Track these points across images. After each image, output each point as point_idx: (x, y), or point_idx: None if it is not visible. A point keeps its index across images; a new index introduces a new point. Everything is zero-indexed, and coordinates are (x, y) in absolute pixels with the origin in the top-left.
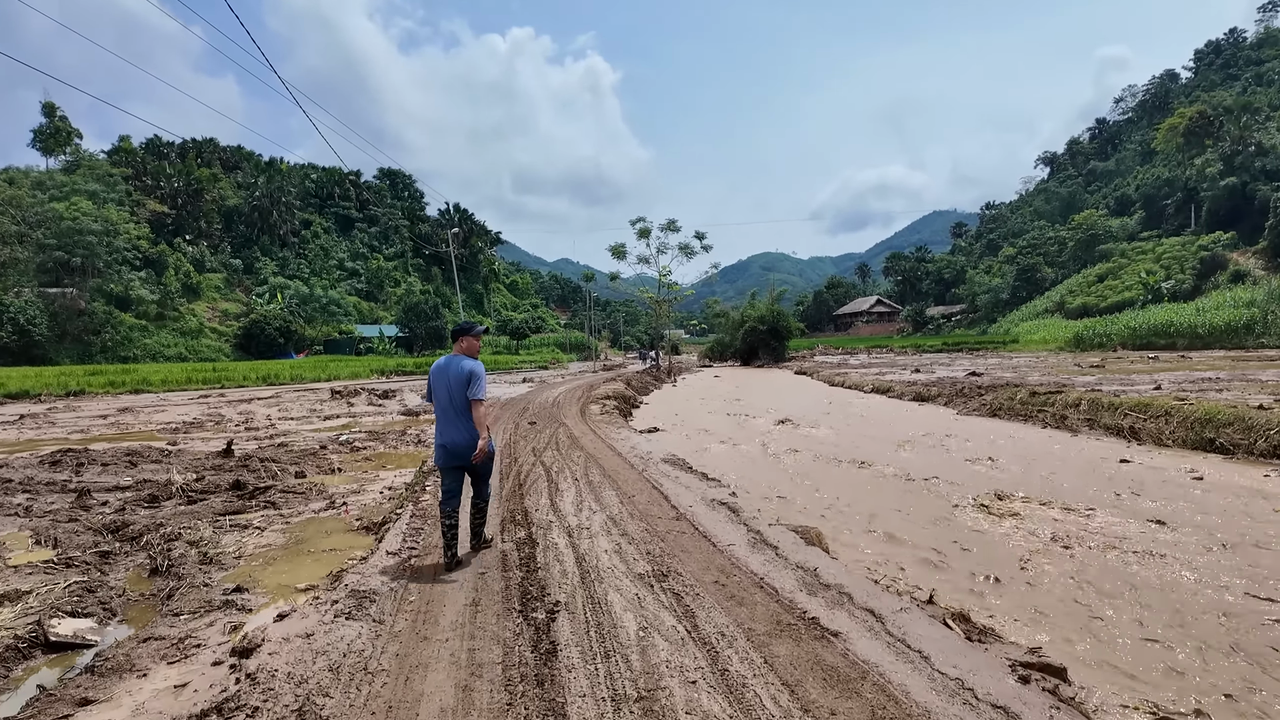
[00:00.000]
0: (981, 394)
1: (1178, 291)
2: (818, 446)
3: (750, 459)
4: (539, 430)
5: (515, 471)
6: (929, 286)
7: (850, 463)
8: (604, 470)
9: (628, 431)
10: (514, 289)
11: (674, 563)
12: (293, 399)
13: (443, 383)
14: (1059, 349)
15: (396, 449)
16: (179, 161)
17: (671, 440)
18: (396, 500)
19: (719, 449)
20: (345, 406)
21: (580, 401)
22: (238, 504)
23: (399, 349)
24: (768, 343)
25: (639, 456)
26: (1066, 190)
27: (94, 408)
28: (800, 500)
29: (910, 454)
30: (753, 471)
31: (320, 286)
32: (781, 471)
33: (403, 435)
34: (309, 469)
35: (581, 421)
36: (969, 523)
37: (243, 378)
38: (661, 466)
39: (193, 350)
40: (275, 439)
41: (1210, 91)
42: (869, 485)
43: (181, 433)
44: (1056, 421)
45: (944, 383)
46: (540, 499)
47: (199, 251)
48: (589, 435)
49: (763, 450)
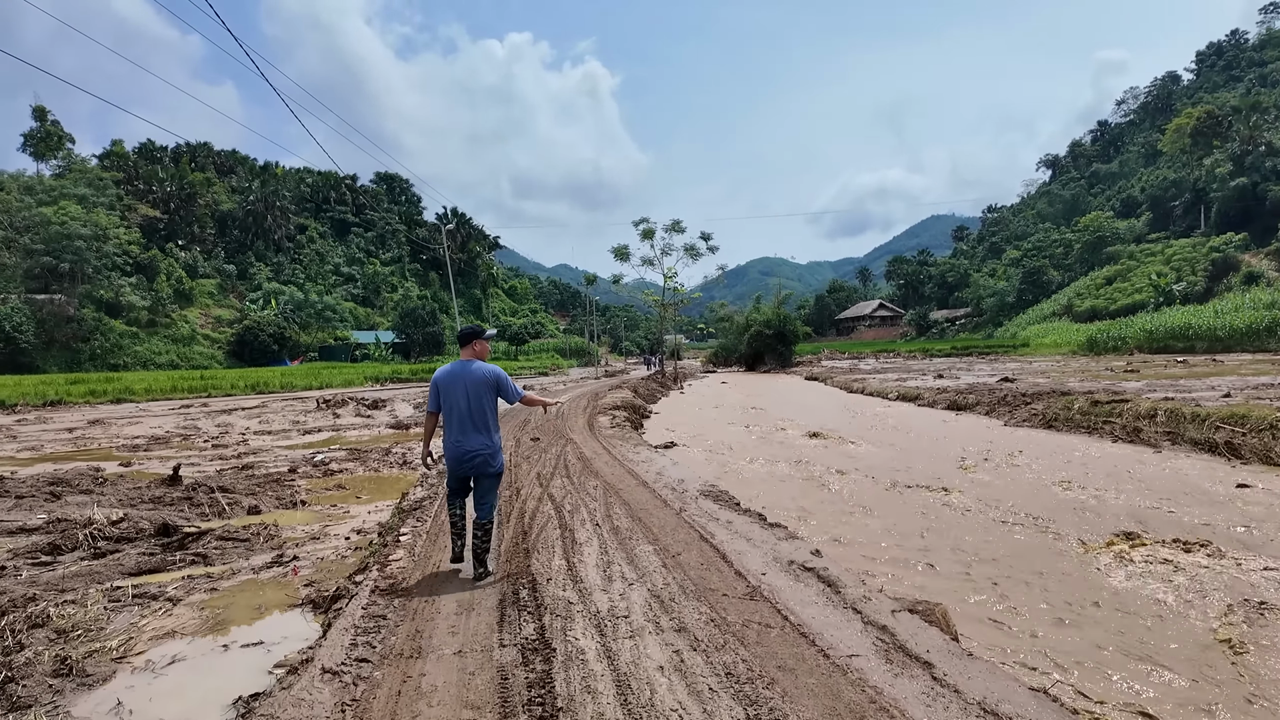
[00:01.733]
0: (1028, 402)
1: (1190, 294)
2: (866, 467)
3: (794, 484)
4: (543, 448)
5: (518, 510)
6: (932, 290)
7: (914, 488)
8: (630, 509)
9: (646, 451)
10: (513, 294)
11: (774, 696)
12: (277, 409)
13: (458, 389)
14: (1072, 353)
15: (378, 472)
16: (172, 165)
17: (695, 460)
18: (363, 555)
19: (753, 471)
20: (331, 418)
21: (586, 412)
22: (159, 558)
23: (395, 355)
24: (774, 347)
25: (669, 488)
26: (1070, 193)
27: (66, 419)
28: (885, 547)
29: (980, 476)
30: (805, 502)
31: (315, 292)
32: (839, 503)
33: (386, 455)
34: (267, 501)
35: (591, 437)
36: (1120, 582)
37: (230, 386)
38: (703, 504)
39: (185, 358)
40: (243, 458)
41: (1213, 93)
42: (954, 522)
43: (142, 450)
44: (1129, 435)
45: (978, 390)
46: (553, 558)
47: (192, 257)
48: (602, 455)
49: (804, 472)
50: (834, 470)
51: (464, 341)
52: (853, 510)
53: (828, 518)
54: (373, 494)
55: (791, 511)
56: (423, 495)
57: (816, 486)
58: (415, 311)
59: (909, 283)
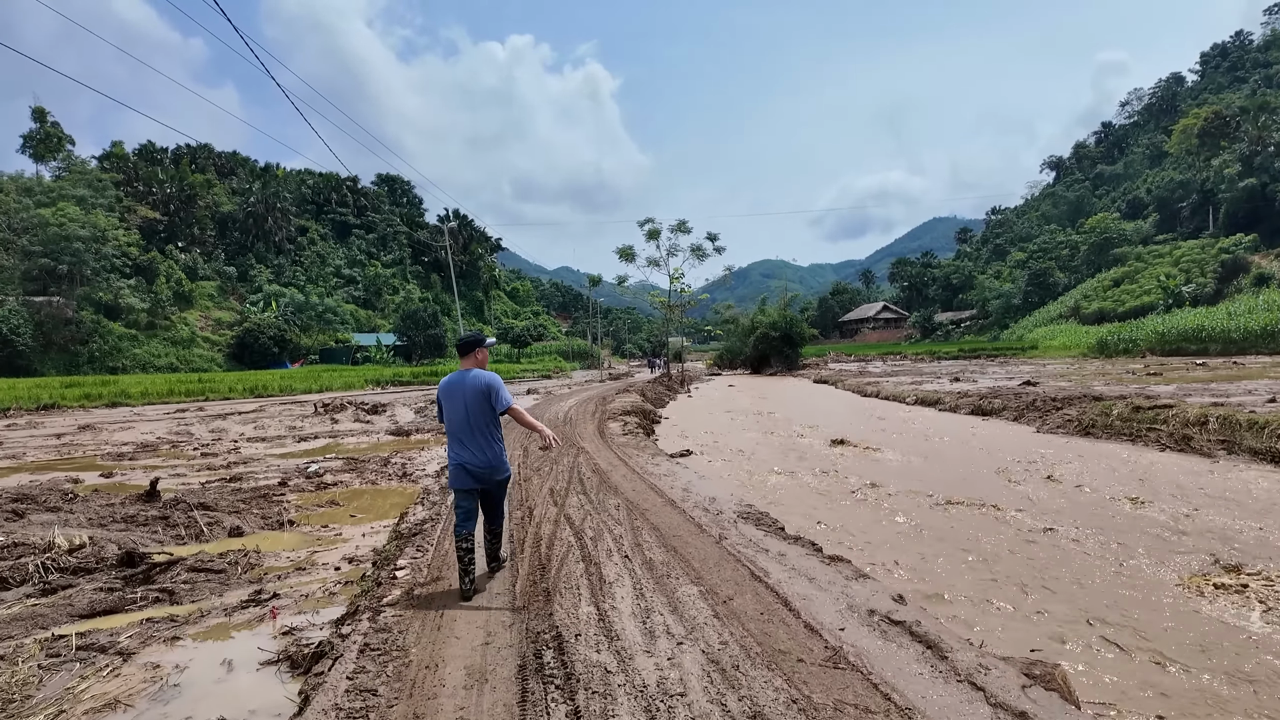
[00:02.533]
0: (1058, 407)
1: (1199, 295)
2: (900, 478)
3: (829, 498)
4: (554, 459)
5: (532, 536)
6: (936, 292)
7: (962, 505)
8: (661, 535)
9: (666, 462)
10: (514, 296)
11: None
12: (274, 414)
13: (457, 400)
14: (1082, 355)
15: (375, 484)
16: (172, 167)
17: (717, 471)
18: (354, 593)
19: (782, 485)
20: (328, 424)
21: (595, 417)
22: (117, 594)
23: (397, 358)
24: (780, 350)
25: (701, 508)
26: (1074, 194)
27: (57, 424)
28: (955, 582)
29: (1030, 491)
30: (851, 523)
31: (316, 294)
32: (889, 525)
33: (385, 465)
34: (252, 520)
35: (603, 444)
36: (1255, 631)
37: (229, 389)
38: (744, 530)
39: (184, 360)
40: (232, 468)
41: (1218, 94)
42: (1017, 546)
43: (128, 459)
44: (1178, 443)
45: (1002, 394)
46: (579, 602)
47: (192, 259)
48: (619, 467)
49: (837, 485)
50: (868, 484)
51: (464, 350)
52: (907, 534)
53: (885, 545)
54: (368, 512)
55: (842, 536)
56: (424, 516)
57: (857, 504)
58: (417, 314)
59: (913, 285)
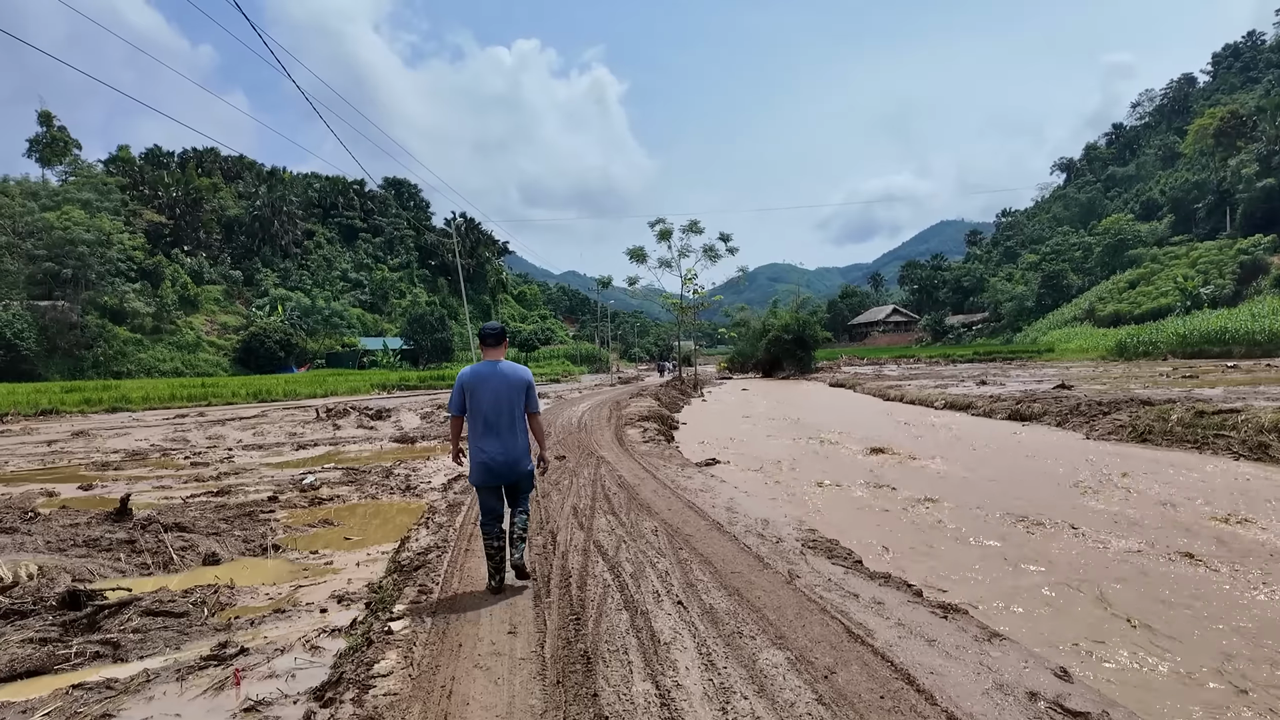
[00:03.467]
0: (1105, 412)
1: (1218, 297)
2: (957, 492)
3: (890, 519)
4: (573, 470)
5: (558, 571)
6: (946, 295)
7: (1038, 524)
8: (714, 569)
9: (699, 475)
10: (522, 300)
11: None
12: (276, 419)
13: (489, 391)
14: (1101, 358)
15: (375, 498)
16: (178, 171)
17: (752, 483)
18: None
19: (829, 500)
20: (331, 430)
21: (612, 423)
22: (48, 648)
23: (404, 362)
24: (793, 353)
25: (754, 532)
26: (1085, 196)
27: (53, 430)
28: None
29: (1103, 505)
30: (922, 546)
31: (323, 298)
32: (965, 547)
33: (387, 477)
34: (231, 544)
35: (624, 453)
36: None
37: (231, 394)
38: (816, 564)
39: (190, 365)
40: (222, 479)
41: (1231, 94)
42: (1141, 580)
43: (113, 469)
44: (1253, 452)
45: (1041, 398)
46: (629, 677)
47: (198, 263)
48: (646, 480)
49: (890, 499)
50: (923, 498)
51: (495, 341)
52: (998, 564)
53: (983, 581)
54: (365, 533)
55: (927, 570)
56: (428, 543)
57: (923, 525)
58: (424, 318)
59: (923, 288)
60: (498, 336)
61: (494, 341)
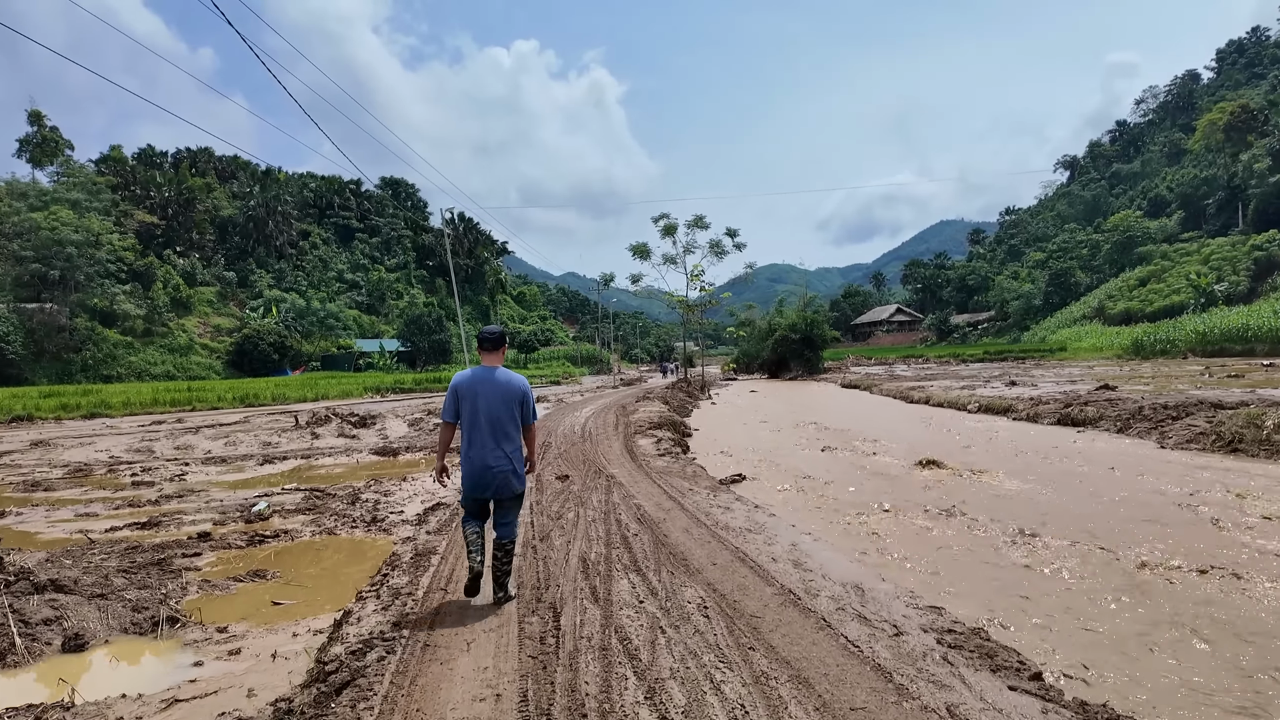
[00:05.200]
0: (1175, 416)
1: (1233, 294)
2: (1053, 521)
3: (1002, 574)
4: (577, 496)
5: (564, 693)
6: (950, 294)
7: (1244, 581)
8: (819, 697)
9: (735, 504)
10: (521, 300)
11: None
12: (258, 425)
13: (484, 398)
14: (1117, 357)
15: (332, 533)
16: (172, 171)
17: (803, 512)
18: None
19: (897, 532)
20: (309, 439)
21: (619, 432)
22: None
23: (400, 364)
24: (801, 353)
25: (852, 612)
26: (1090, 193)
27: (14, 439)
28: None
29: (1263, 542)
30: (1088, 632)
31: (318, 299)
32: (1138, 624)
33: (353, 503)
34: (114, 615)
35: (637, 470)
36: None
37: (218, 399)
38: (980, 686)
39: (181, 368)
40: (160, 505)
41: (1236, 90)
42: None
43: (43, 490)
44: None
45: (1094, 401)
46: None
47: (190, 264)
48: (672, 510)
49: (978, 534)
50: (1018, 532)
51: (493, 345)
52: (1206, 665)
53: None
54: (303, 593)
55: (1128, 679)
56: (373, 627)
57: (1066, 588)
58: (421, 319)
59: (926, 287)
60: (496, 341)
61: (492, 346)
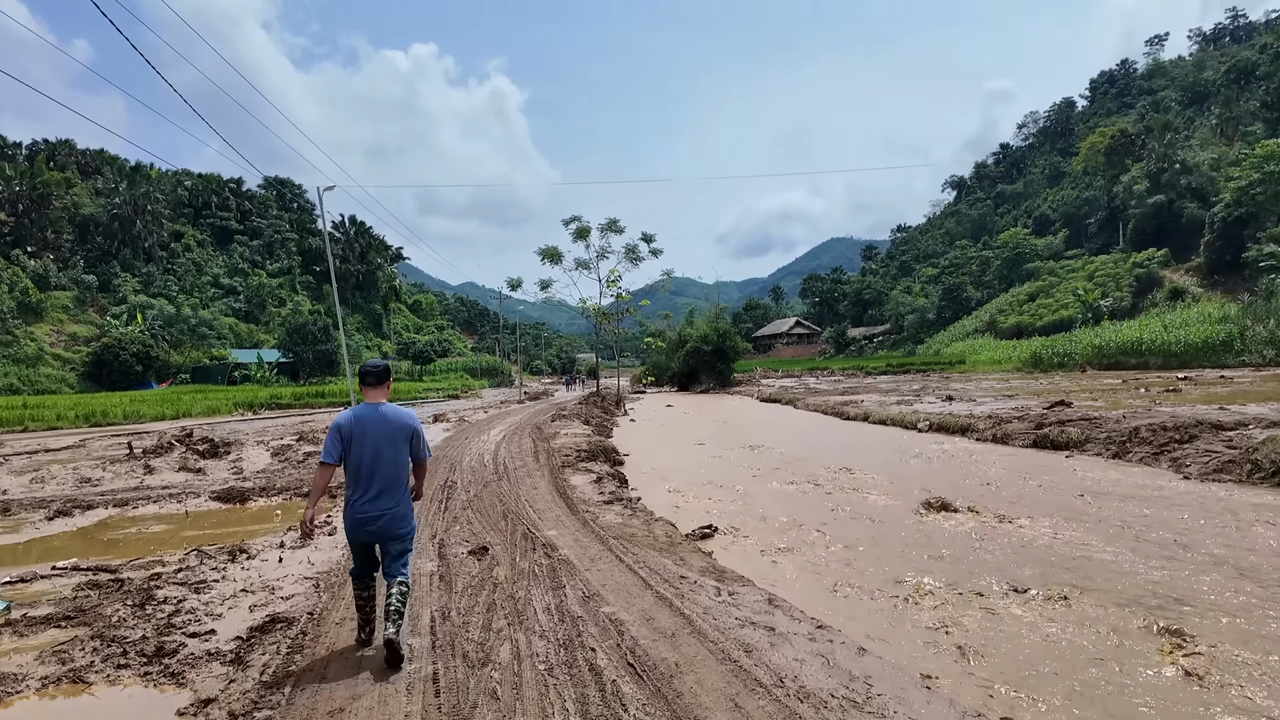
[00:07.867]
0: (1179, 440)
1: (1117, 309)
2: (1174, 597)
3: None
4: (503, 589)
5: None
6: (846, 308)
7: None
8: None
9: (766, 607)
10: (417, 310)
11: None
12: (88, 453)
13: (369, 439)
14: (1016, 370)
15: (82, 680)
16: (25, 164)
17: (807, 594)
18: None
19: (974, 625)
20: (140, 473)
21: (543, 463)
22: None
23: (281, 376)
24: (713, 365)
25: None
26: (977, 212)
27: None
28: None
29: None
30: None
31: (190, 306)
32: None
33: (143, 605)
34: None
35: (585, 533)
36: None
37: (57, 417)
38: None
39: (28, 381)
40: None
41: (1108, 118)
42: None
43: None
44: None
45: (1073, 421)
46: None
47: (43, 265)
48: (681, 636)
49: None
50: (1158, 626)
51: (376, 380)
52: None
53: None
54: None
55: None
56: None
57: None
58: (305, 327)
59: (824, 300)
60: (380, 375)
61: (376, 381)
